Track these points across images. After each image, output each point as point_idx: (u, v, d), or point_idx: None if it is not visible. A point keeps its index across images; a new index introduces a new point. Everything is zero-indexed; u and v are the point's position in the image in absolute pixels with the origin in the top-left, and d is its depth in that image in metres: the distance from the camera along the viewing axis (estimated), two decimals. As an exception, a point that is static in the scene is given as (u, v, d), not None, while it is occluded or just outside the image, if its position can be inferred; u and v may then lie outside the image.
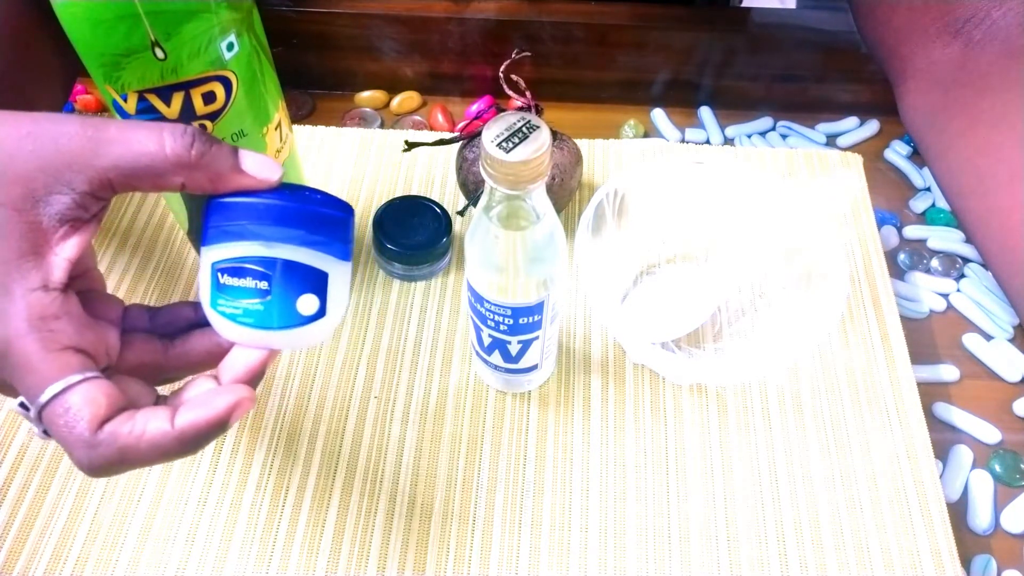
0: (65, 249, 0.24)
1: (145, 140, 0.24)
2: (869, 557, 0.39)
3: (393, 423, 0.42)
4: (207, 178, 0.25)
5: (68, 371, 0.23)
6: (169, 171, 0.25)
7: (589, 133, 0.56)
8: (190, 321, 0.29)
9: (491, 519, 0.40)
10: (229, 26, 0.32)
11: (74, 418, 0.23)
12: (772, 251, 0.45)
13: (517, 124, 0.28)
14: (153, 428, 0.24)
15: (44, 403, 0.23)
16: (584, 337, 0.46)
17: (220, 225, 0.26)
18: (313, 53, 0.59)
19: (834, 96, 0.60)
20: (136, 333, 0.28)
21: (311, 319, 0.27)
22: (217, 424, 0.25)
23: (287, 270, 0.26)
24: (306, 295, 0.27)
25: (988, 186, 0.40)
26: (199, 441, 0.25)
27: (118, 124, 0.25)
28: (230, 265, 0.26)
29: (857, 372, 0.45)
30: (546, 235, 0.32)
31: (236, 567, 0.38)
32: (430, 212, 0.48)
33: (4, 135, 0.24)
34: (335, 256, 0.27)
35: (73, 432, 0.23)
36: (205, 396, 0.25)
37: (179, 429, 0.24)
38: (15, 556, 0.38)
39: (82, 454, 0.24)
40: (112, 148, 0.24)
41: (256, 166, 0.26)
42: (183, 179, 0.25)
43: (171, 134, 0.25)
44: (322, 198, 0.28)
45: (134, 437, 0.24)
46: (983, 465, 0.43)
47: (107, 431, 0.23)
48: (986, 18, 0.41)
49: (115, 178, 0.24)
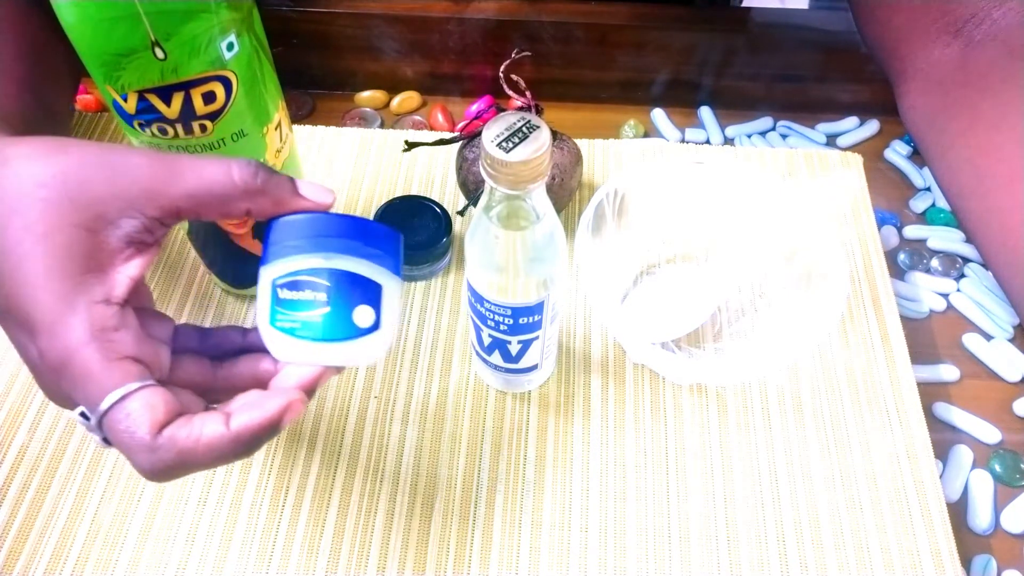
0: (129, 268, 0.26)
1: (215, 170, 0.26)
2: (869, 557, 0.39)
3: (393, 423, 0.42)
4: (271, 202, 0.27)
5: (128, 379, 0.24)
6: (237, 198, 0.27)
7: (589, 133, 0.56)
8: (238, 346, 0.30)
9: (491, 519, 0.40)
10: (229, 26, 0.32)
11: (134, 423, 0.24)
12: (772, 251, 0.45)
13: (517, 124, 0.28)
14: (210, 431, 0.25)
15: (105, 410, 0.24)
16: (584, 337, 0.46)
17: (281, 242, 0.27)
18: (313, 53, 0.59)
19: (834, 96, 0.60)
20: (186, 353, 0.29)
21: (367, 331, 0.28)
22: (270, 425, 0.26)
23: (344, 281, 0.27)
24: (362, 306, 0.27)
25: (988, 186, 0.40)
26: (253, 443, 0.25)
27: (189, 157, 0.27)
28: (289, 279, 0.27)
29: (857, 372, 0.45)
30: (546, 235, 0.32)
31: (236, 567, 0.38)
32: (430, 212, 0.48)
33: (79, 162, 0.25)
34: (389, 270, 0.28)
35: (134, 437, 0.24)
36: (258, 399, 0.26)
37: (234, 432, 0.25)
38: (15, 556, 0.38)
39: (143, 458, 0.24)
40: (186, 178, 0.26)
41: (313, 191, 0.28)
42: (249, 205, 0.27)
43: (238, 165, 0.27)
44: (374, 221, 0.29)
45: (192, 440, 0.24)
46: (983, 465, 0.43)
47: (166, 435, 0.24)
48: (986, 18, 0.41)
49: (184, 206, 0.26)
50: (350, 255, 0.27)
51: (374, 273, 0.28)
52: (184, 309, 0.46)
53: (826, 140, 0.59)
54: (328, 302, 0.27)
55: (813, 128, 0.59)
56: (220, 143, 0.35)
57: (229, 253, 0.42)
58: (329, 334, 0.27)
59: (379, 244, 0.28)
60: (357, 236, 0.28)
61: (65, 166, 0.25)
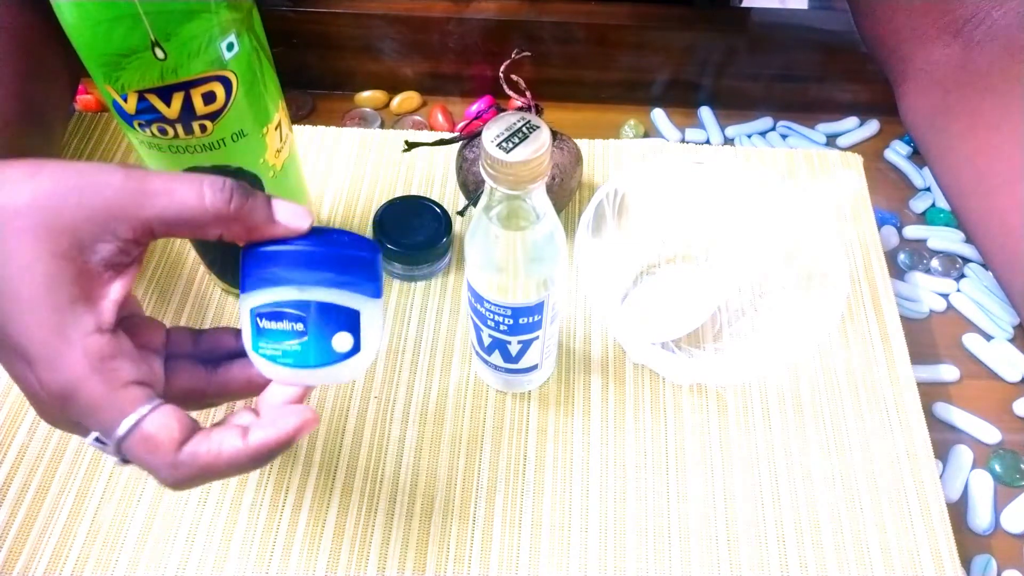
0: (112, 291, 0.26)
1: (187, 193, 0.26)
2: (869, 557, 0.39)
3: (393, 423, 0.42)
4: (244, 229, 0.27)
5: (136, 404, 0.25)
6: (209, 223, 0.26)
7: (589, 133, 0.56)
8: (231, 348, 0.30)
9: (491, 519, 0.40)
10: (229, 26, 0.32)
11: (154, 445, 0.25)
12: (772, 251, 0.45)
13: (517, 124, 0.28)
14: (228, 446, 0.26)
15: (122, 436, 0.25)
16: (584, 337, 0.46)
17: (256, 273, 0.28)
18: (313, 53, 0.59)
19: (834, 96, 0.60)
20: (182, 360, 0.30)
21: (346, 356, 0.28)
22: (286, 441, 0.27)
23: (321, 311, 0.28)
24: (341, 333, 0.28)
25: (989, 186, 0.40)
26: (269, 456, 0.27)
27: (161, 176, 0.26)
28: (268, 310, 0.28)
29: (857, 372, 0.45)
30: (546, 235, 0.32)
31: (236, 567, 0.38)
32: (430, 212, 0.48)
33: (51, 189, 0.25)
34: (366, 295, 0.29)
35: (156, 456, 0.25)
36: (274, 416, 0.27)
37: (252, 447, 0.26)
38: (15, 556, 0.38)
39: (167, 474, 0.26)
40: (156, 200, 0.25)
41: (288, 216, 0.28)
42: (221, 230, 0.27)
43: (211, 188, 0.26)
44: (349, 240, 0.29)
45: (212, 455, 0.26)
46: (983, 465, 0.43)
47: (187, 452, 0.25)
48: (986, 18, 0.41)
49: (157, 227, 0.26)
50: (325, 287, 0.28)
51: (351, 300, 0.28)
52: (184, 309, 0.46)
53: (826, 140, 0.59)
54: (306, 331, 0.28)
55: (813, 128, 0.59)
56: (220, 143, 0.35)
57: (229, 253, 0.42)
58: (309, 361, 0.28)
59: (354, 270, 0.28)
60: (331, 267, 0.28)
61: (38, 192, 0.25)
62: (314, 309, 0.28)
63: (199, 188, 0.26)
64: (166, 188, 0.26)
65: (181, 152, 0.34)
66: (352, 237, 0.29)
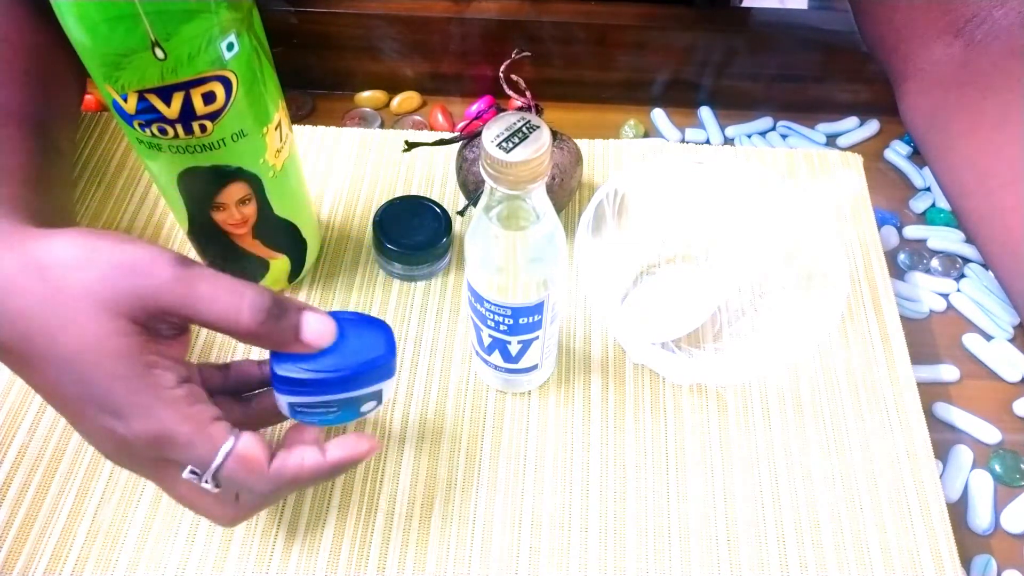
0: (173, 351, 0.30)
1: (227, 307, 0.29)
2: (869, 557, 0.39)
3: (393, 423, 0.42)
4: (271, 344, 0.31)
5: (224, 436, 0.30)
6: (241, 336, 0.30)
7: (589, 133, 0.56)
8: (257, 378, 0.35)
9: (491, 519, 0.40)
10: (229, 26, 0.32)
11: (250, 464, 0.30)
12: (772, 251, 0.45)
13: (517, 124, 0.28)
14: (311, 460, 0.31)
15: (219, 464, 0.29)
16: (584, 337, 0.46)
17: (288, 382, 0.31)
18: (313, 53, 0.59)
19: (834, 96, 0.60)
20: (217, 396, 0.33)
21: (370, 412, 0.34)
22: (358, 459, 0.32)
23: (350, 401, 0.33)
24: (367, 403, 0.33)
25: (989, 186, 0.40)
26: (343, 470, 0.33)
27: (208, 282, 0.29)
28: (304, 409, 0.32)
29: (857, 372, 0.45)
30: (546, 235, 0.32)
31: (236, 567, 0.38)
32: (430, 212, 0.48)
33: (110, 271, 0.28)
34: (386, 378, 0.33)
35: (253, 474, 0.30)
36: (349, 439, 0.32)
37: (331, 462, 0.32)
38: (15, 556, 0.38)
39: (264, 487, 0.31)
40: (199, 305, 0.29)
41: (314, 336, 0.31)
42: (252, 343, 0.30)
43: (251, 309, 0.29)
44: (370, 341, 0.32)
45: (298, 467, 0.31)
46: (983, 465, 0.43)
47: (275, 467, 0.31)
48: (987, 18, 0.41)
49: (197, 323, 0.30)
50: (352, 391, 0.32)
51: (374, 388, 0.33)
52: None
53: (826, 140, 0.59)
54: (338, 410, 0.33)
55: (813, 128, 0.59)
56: (220, 143, 0.35)
57: (229, 253, 0.42)
58: (339, 422, 0.34)
59: (376, 374, 0.32)
60: (358, 384, 0.32)
61: (101, 274, 0.28)
62: (344, 402, 0.32)
63: (239, 306, 0.29)
64: (211, 296, 0.29)
65: (181, 152, 0.34)
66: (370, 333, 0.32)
